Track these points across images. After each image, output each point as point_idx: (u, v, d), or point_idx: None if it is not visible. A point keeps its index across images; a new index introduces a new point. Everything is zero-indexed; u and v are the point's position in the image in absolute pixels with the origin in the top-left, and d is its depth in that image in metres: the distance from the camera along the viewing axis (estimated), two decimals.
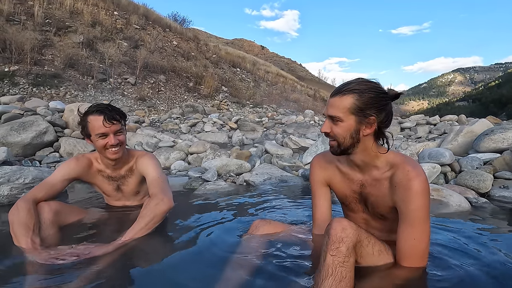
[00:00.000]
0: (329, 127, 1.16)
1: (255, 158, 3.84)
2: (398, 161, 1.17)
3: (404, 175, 1.12)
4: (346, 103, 1.10)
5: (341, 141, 1.15)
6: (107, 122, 1.62)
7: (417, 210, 1.09)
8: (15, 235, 1.39)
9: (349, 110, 1.10)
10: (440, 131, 6.02)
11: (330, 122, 1.16)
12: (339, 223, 1.02)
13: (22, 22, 9.18)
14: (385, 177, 1.18)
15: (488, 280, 1.17)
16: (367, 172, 1.23)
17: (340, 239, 0.99)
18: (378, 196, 1.21)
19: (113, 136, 1.65)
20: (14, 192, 2.25)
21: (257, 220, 1.46)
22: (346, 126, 1.12)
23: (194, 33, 17.90)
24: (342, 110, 1.11)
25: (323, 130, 1.18)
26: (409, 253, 1.11)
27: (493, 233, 1.74)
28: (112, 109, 1.67)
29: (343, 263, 0.96)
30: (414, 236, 1.09)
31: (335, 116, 1.13)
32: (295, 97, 15.96)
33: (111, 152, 1.68)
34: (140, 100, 9.35)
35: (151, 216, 1.52)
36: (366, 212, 1.31)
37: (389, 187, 1.17)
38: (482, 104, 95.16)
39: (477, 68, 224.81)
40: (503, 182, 2.61)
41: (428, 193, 1.11)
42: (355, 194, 1.29)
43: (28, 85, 7.66)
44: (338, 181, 1.33)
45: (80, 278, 1.18)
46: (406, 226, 1.10)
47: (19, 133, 3.81)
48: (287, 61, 48.04)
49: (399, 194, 1.12)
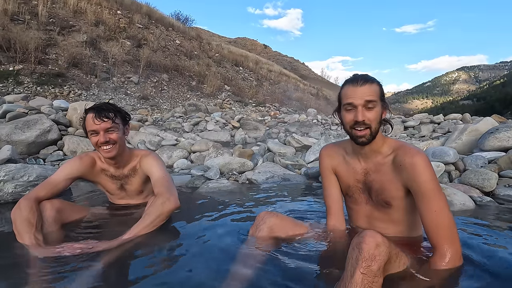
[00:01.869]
0: (364, 114, 1.19)
1: (257, 156, 3.83)
2: (398, 144, 1.26)
3: (406, 154, 1.19)
4: (377, 90, 1.20)
5: (374, 127, 1.20)
6: (96, 119, 1.61)
7: (427, 181, 1.13)
8: (18, 232, 1.40)
9: (379, 96, 1.21)
10: (444, 130, 5.97)
11: (364, 109, 1.19)
12: (373, 238, 0.95)
13: (26, 22, 9.24)
14: (388, 160, 1.25)
15: (490, 279, 1.16)
16: (370, 159, 1.29)
17: (372, 257, 0.92)
18: (382, 181, 1.25)
19: (103, 133, 1.63)
20: (18, 189, 2.27)
21: (263, 212, 1.43)
22: (378, 111, 1.21)
23: (197, 32, 17.91)
24: (376, 95, 1.19)
25: (362, 118, 1.18)
26: (434, 226, 1.11)
27: (497, 232, 1.73)
28: (106, 107, 1.66)
29: (372, 283, 0.91)
30: (434, 208, 1.12)
31: (373, 100, 1.18)
32: (298, 96, 15.93)
33: (104, 150, 1.67)
34: (143, 99, 9.38)
35: (156, 214, 1.53)
36: (370, 202, 1.32)
37: (394, 168, 1.23)
38: (487, 102, 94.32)
39: (482, 67, 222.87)
40: (508, 181, 2.58)
41: (432, 168, 1.16)
42: (359, 184, 1.34)
43: (32, 84, 7.71)
44: (344, 170, 1.39)
45: (83, 274, 1.19)
46: (423, 201, 1.13)
47: (24, 132, 3.84)
48: (290, 60, 47.94)
49: (407, 174, 1.17)
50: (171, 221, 1.82)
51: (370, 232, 0.98)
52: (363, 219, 1.37)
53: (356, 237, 0.99)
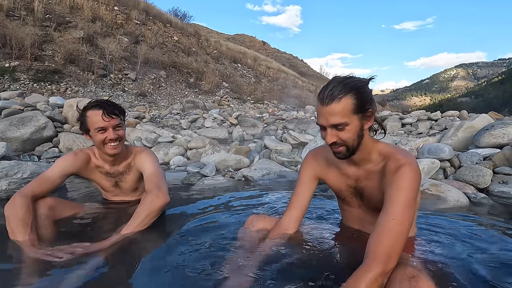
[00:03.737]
0: (334, 135, 1.10)
1: (254, 153, 3.83)
2: (389, 151, 1.17)
3: (394, 163, 1.11)
4: (348, 106, 1.05)
5: (350, 144, 1.11)
6: (106, 116, 1.61)
7: (403, 194, 1.01)
8: (12, 231, 1.38)
9: (352, 111, 1.06)
10: (441, 127, 5.99)
11: (334, 130, 1.09)
12: None
13: (22, 18, 9.15)
14: (378, 168, 1.18)
15: (482, 275, 1.16)
16: (362, 166, 1.23)
17: None
18: (372, 189, 1.20)
19: (112, 130, 1.65)
20: (12, 186, 2.26)
21: (252, 216, 1.47)
22: (353, 128, 1.09)
23: (195, 29, 17.80)
24: (346, 114, 1.06)
25: (331, 141, 1.10)
26: (383, 233, 0.98)
27: (489, 229, 1.73)
28: (111, 104, 1.68)
29: None
30: (393, 217, 0.99)
31: (340, 123, 1.06)
32: (296, 93, 15.89)
33: (110, 147, 1.67)
34: (140, 96, 9.34)
35: (146, 212, 1.52)
36: (362, 206, 1.30)
37: (381, 177, 1.15)
38: (485, 100, 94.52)
39: (480, 64, 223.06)
40: (503, 178, 2.60)
41: (417, 181, 1.06)
42: (350, 189, 1.29)
43: (28, 81, 7.66)
44: (333, 176, 1.33)
45: (76, 274, 1.18)
46: (387, 206, 1.03)
47: (18, 128, 3.82)
48: (289, 57, 47.79)
49: (388, 180, 1.09)
50: (164, 218, 1.81)
51: (425, 286, 0.87)
52: (356, 221, 1.36)
53: (406, 282, 0.89)
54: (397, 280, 0.91)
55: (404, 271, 0.92)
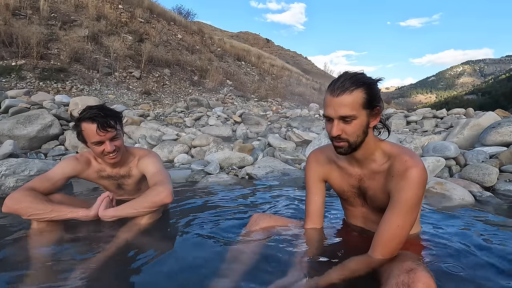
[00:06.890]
0: (340, 128, 1.08)
1: (258, 151, 3.83)
2: (395, 152, 1.15)
3: (401, 165, 1.09)
4: (358, 99, 1.05)
5: (353, 140, 1.10)
6: (101, 131, 1.56)
7: (410, 199, 1.04)
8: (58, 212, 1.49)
9: (362, 106, 1.06)
10: (447, 125, 5.92)
11: (341, 122, 1.08)
12: None
13: (28, 17, 9.24)
14: (383, 169, 1.16)
15: (488, 273, 1.16)
16: (365, 165, 1.21)
17: None
18: (376, 189, 1.19)
19: (109, 142, 1.61)
20: (19, 184, 2.29)
21: (256, 214, 1.45)
22: (359, 123, 1.08)
23: (199, 26, 17.80)
24: (355, 107, 1.05)
25: (336, 133, 1.08)
26: (388, 240, 1.05)
27: (495, 227, 1.72)
28: (105, 115, 1.58)
29: None
30: (398, 223, 1.04)
31: (349, 115, 1.05)
32: (300, 90, 15.85)
33: (109, 157, 1.65)
34: (145, 94, 9.38)
35: (148, 202, 1.53)
36: (365, 206, 1.29)
37: (386, 178, 1.14)
38: (492, 97, 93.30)
39: (487, 61, 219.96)
40: (509, 176, 2.57)
41: (424, 184, 1.07)
42: (353, 189, 1.28)
43: (34, 79, 7.74)
44: (336, 176, 1.31)
45: (77, 274, 1.18)
46: (394, 213, 1.06)
47: (25, 126, 3.87)
48: (293, 55, 47.59)
49: (395, 183, 1.09)
50: (169, 215, 1.83)
51: (424, 276, 0.86)
52: (359, 220, 1.35)
53: (404, 275, 0.88)
54: (395, 274, 0.91)
55: (402, 265, 0.93)
